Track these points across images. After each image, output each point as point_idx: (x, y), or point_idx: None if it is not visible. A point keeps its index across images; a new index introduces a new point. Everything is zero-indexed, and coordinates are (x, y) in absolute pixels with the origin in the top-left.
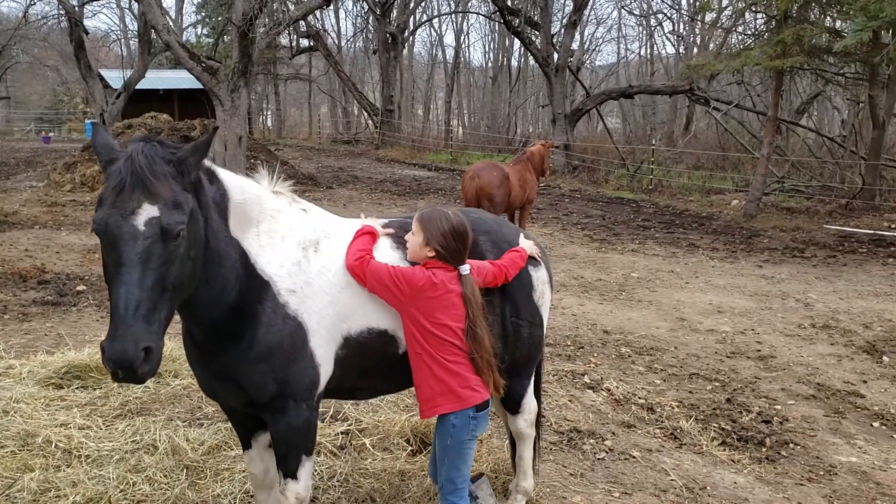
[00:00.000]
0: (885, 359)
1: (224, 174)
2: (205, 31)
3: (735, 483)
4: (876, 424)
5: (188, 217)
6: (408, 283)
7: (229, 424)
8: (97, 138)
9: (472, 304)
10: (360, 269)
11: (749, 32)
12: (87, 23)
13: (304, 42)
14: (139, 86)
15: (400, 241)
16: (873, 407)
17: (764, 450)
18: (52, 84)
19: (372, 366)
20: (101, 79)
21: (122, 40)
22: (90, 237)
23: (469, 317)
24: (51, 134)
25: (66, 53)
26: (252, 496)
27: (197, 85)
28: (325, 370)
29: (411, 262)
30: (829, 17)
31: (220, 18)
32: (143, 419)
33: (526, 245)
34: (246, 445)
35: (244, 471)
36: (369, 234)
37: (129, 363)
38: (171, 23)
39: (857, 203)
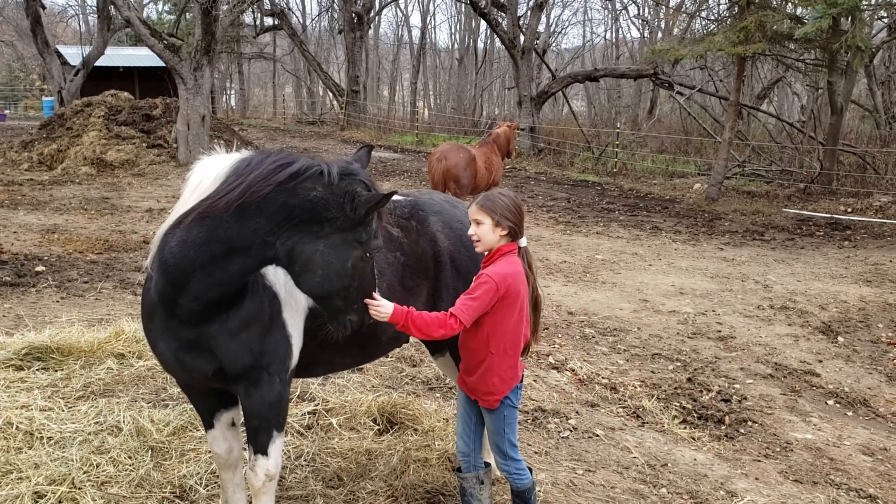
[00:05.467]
0: (840, 339)
1: None
2: (166, 8)
3: (695, 460)
4: (830, 402)
5: None
6: (496, 293)
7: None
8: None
9: (533, 273)
10: (457, 326)
11: (712, 18)
12: None
13: (269, 20)
14: (98, 63)
15: None
16: (828, 385)
17: (723, 427)
18: (7, 60)
19: (329, 338)
20: (59, 55)
21: (81, 16)
22: (49, 217)
23: (532, 287)
24: (6, 111)
25: (22, 28)
26: (218, 476)
27: (158, 62)
28: (297, 342)
29: (484, 252)
30: (790, 4)
31: None
32: (107, 401)
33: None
34: (208, 425)
35: (210, 451)
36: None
37: None
38: None
39: (815, 187)
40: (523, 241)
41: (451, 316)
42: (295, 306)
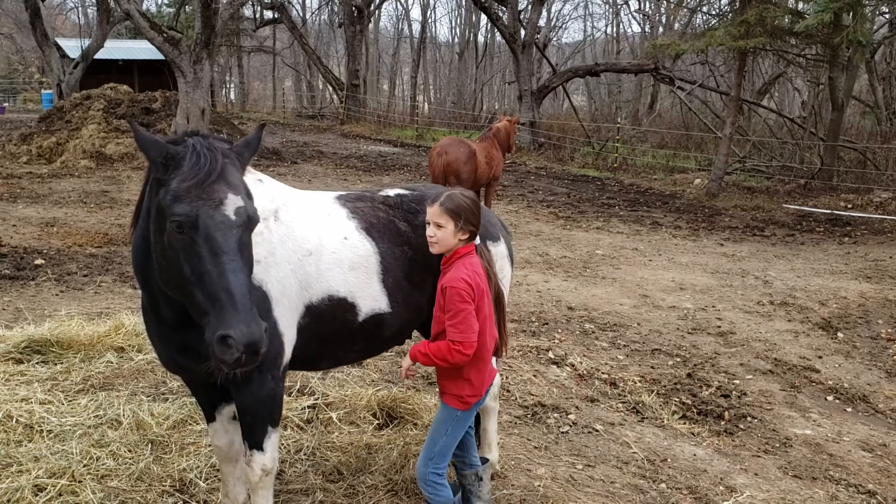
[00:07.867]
0: (840, 335)
1: None
2: (166, 1)
3: (694, 455)
4: (830, 398)
5: None
6: (472, 299)
7: (194, 399)
8: (144, 138)
9: (492, 270)
10: (465, 350)
11: (713, 12)
12: None
13: (268, 14)
14: (98, 56)
15: (355, 211)
16: (828, 381)
17: (723, 423)
18: (6, 53)
19: (332, 334)
20: (58, 48)
21: (80, 8)
22: (48, 210)
23: (492, 283)
24: (5, 104)
25: (21, 21)
26: (218, 470)
27: (158, 56)
28: (289, 339)
29: (440, 254)
30: None
31: None
32: (107, 394)
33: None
34: (209, 418)
35: (210, 445)
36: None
37: (258, 346)
38: None
39: (815, 183)
40: (477, 240)
41: (453, 344)
42: (287, 304)
